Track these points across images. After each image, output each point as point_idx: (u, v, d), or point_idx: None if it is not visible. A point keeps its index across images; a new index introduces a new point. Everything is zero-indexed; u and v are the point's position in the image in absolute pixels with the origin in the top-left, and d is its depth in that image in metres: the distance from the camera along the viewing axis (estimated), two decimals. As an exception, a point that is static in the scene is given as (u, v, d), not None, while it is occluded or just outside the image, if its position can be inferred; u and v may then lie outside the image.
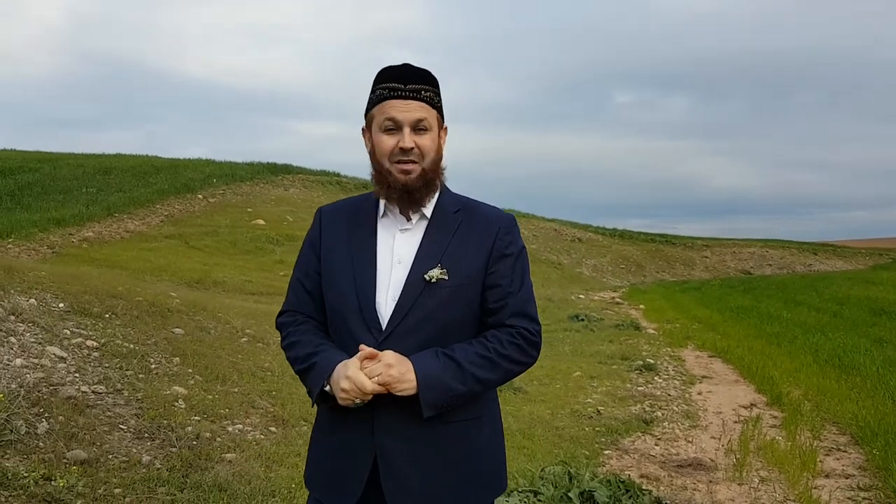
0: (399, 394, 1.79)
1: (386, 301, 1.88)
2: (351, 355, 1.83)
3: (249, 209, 23.61)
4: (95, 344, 6.01)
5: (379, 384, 1.77)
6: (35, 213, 19.71)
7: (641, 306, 18.00)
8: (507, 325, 1.92)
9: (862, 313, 15.14)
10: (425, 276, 1.87)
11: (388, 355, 1.80)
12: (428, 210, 1.96)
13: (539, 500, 4.25)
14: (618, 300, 20.05)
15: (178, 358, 6.38)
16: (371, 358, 1.79)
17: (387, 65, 1.92)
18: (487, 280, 1.92)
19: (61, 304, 6.89)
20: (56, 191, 23.93)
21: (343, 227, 2.00)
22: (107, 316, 7.01)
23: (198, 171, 28.38)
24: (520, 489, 4.39)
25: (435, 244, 1.92)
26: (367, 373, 1.77)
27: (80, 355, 5.71)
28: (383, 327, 1.87)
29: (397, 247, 1.93)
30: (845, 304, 17.20)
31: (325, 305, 2.00)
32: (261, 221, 21.92)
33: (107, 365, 5.67)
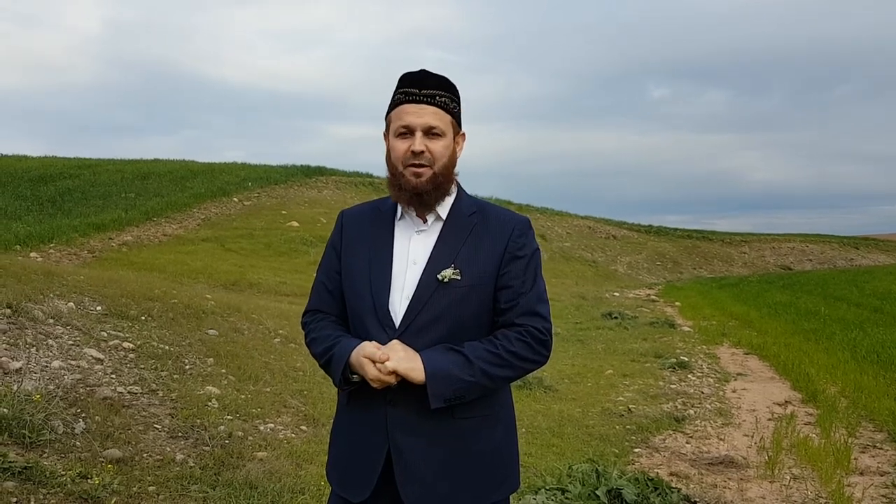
0: (407, 378, 1.84)
1: (400, 300, 1.94)
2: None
3: (284, 211, 23.86)
4: (131, 345, 6.15)
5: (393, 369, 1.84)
6: (75, 219, 20.13)
7: (677, 303, 17.82)
8: (516, 323, 1.95)
9: (904, 308, 14.84)
10: (438, 276, 1.92)
11: (396, 344, 1.86)
12: (444, 212, 2.01)
13: (567, 498, 4.26)
14: (653, 297, 19.87)
15: (211, 359, 6.49)
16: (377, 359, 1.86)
17: (411, 69, 2.00)
18: (500, 281, 1.96)
19: (99, 307, 7.05)
20: (96, 196, 24.38)
21: (363, 230, 2.07)
22: (143, 318, 7.15)
23: (233, 174, 28.75)
24: (547, 487, 4.40)
25: (449, 245, 1.97)
26: (379, 357, 1.85)
27: (117, 357, 5.84)
28: (396, 326, 1.92)
29: (413, 248, 1.99)
30: (886, 299, 16.87)
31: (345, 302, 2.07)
32: (295, 223, 22.14)
33: (142, 366, 5.80)
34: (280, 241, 20.11)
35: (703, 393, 7.76)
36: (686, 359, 9.55)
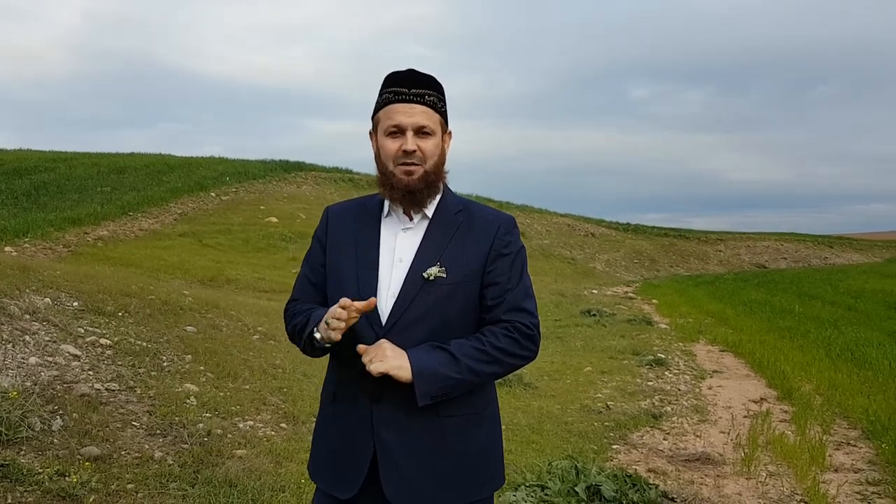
0: (395, 377, 1.85)
1: (386, 298, 1.95)
2: (352, 352, 1.90)
3: (262, 207, 23.72)
4: (109, 342, 6.09)
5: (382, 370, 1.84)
6: (51, 213, 19.88)
7: (654, 301, 17.94)
8: (503, 320, 1.96)
9: (877, 307, 15.07)
10: (424, 273, 1.93)
11: (384, 343, 1.87)
12: (430, 210, 2.02)
13: (546, 495, 4.29)
14: (631, 295, 19.99)
15: (190, 356, 6.45)
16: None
17: (395, 69, 2.01)
18: (486, 279, 1.98)
19: (75, 303, 6.98)
20: (71, 190, 24.09)
21: (349, 226, 2.08)
22: (120, 314, 7.09)
23: (211, 169, 28.51)
24: (527, 483, 4.43)
25: (435, 243, 1.98)
26: (365, 353, 1.86)
27: (94, 353, 5.79)
28: (383, 323, 1.93)
29: (399, 245, 2.00)
30: (860, 297, 17.11)
31: (328, 298, 2.07)
32: (273, 219, 22.02)
33: (120, 363, 5.75)
34: (258, 236, 19.99)
35: (679, 390, 7.83)
36: (663, 356, 9.63)
